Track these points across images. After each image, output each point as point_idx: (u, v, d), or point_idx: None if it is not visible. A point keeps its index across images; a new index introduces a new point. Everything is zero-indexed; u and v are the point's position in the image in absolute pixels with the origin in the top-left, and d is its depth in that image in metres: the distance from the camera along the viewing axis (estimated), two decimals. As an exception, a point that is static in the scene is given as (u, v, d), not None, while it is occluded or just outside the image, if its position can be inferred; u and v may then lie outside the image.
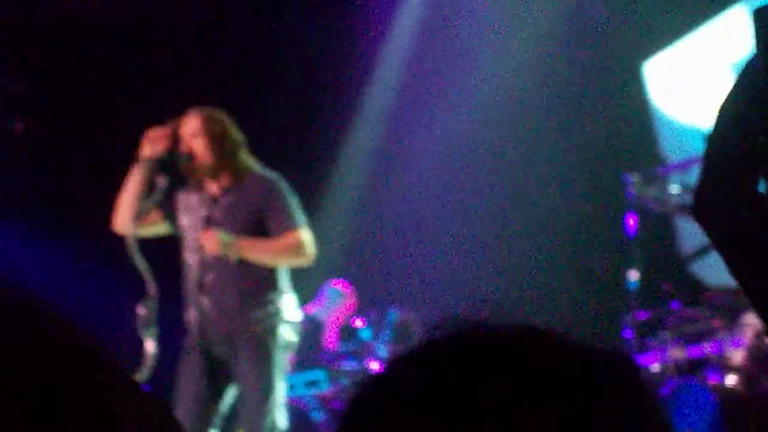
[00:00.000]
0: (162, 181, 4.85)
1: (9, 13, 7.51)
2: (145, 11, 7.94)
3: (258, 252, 4.78)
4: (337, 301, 7.58)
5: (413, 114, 8.57)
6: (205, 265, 4.81)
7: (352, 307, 7.61)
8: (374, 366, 7.17)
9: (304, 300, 6.82)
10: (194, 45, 8.04)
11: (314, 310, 7.49)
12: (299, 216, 4.89)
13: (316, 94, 8.37)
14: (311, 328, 7.25)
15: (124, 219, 4.86)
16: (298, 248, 4.83)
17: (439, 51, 8.60)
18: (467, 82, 8.43)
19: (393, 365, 0.95)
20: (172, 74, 7.75)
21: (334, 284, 7.61)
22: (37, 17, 7.72)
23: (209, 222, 4.85)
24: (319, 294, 7.55)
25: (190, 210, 4.95)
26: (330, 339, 7.61)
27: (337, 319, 7.62)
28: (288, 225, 4.83)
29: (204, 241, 4.74)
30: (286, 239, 4.81)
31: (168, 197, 4.95)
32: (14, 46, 7.61)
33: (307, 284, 7.39)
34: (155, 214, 4.98)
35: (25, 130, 7.88)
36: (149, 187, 4.86)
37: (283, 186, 4.90)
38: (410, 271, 8.33)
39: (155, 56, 7.93)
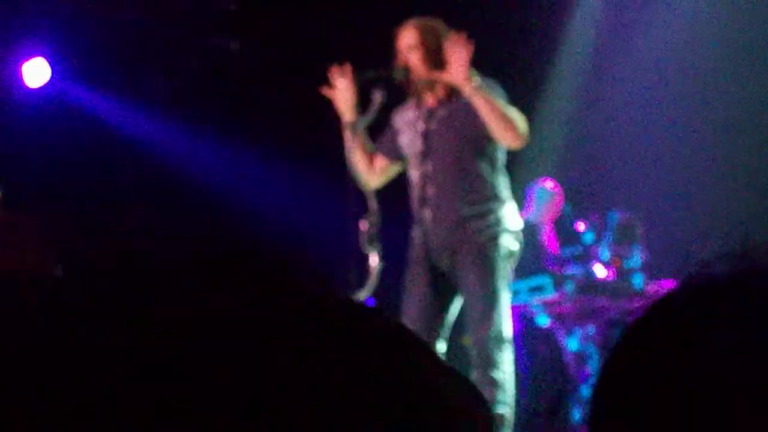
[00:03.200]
0: (378, 96, 4.84)
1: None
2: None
3: (491, 96, 4.66)
4: (546, 199, 7.49)
5: (635, 13, 8.30)
6: (427, 178, 4.81)
7: (560, 203, 7.51)
8: (598, 269, 7.06)
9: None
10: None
11: (526, 214, 7.43)
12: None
13: (525, 7, 8.20)
14: (527, 233, 7.17)
15: (365, 178, 4.92)
16: (519, 119, 4.71)
17: None
18: None
19: (675, 296, 0.87)
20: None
21: (541, 183, 7.52)
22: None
23: (427, 136, 4.83)
24: (527, 197, 7.48)
25: (408, 126, 4.94)
26: (549, 239, 7.54)
27: (551, 217, 7.53)
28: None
29: (456, 64, 4.65)
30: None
31: (386, 136, 4.99)
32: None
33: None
34: (384, 163, 5.01)
35: (241, 48, 7.99)
36: (365, 103, 4.87)
37: (499, 90, 4.81)
38: (630, 172, 8.16)
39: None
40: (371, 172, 4.96)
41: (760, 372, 0.79)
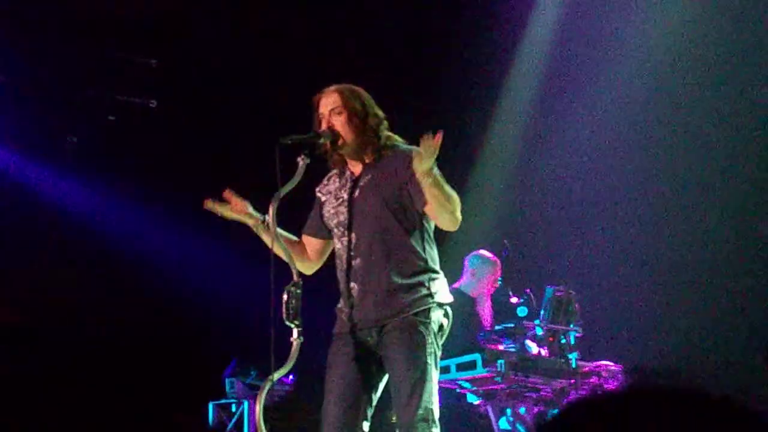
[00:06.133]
0: (301, 162, 4.64)
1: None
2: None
3: (444, 185, 4.40)
4: (487, 269, 7.34)
5: (567, 86, 8.28)
6: (352, 249, 4.61)
7: (499, 273, 7.36)
8: (531, 346, 6.89)
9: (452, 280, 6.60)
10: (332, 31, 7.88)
11: (461, 283, 7.27)
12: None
13: (461, 74, 8.14)
14: (459, 305, 7.00)
15: (301, 266, 4.69)
16: (456, 200, 4.48)
17: (589, 24, 8.30)
18: (623, 53, 8.10)
19: (580, 408, 1.04)
20: (309, 51, 7.60)
21: (479, 252, 7.38)
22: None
23: (350, 205, 4.64)
24: (464, 266, 7.34)
25: (331, 196, 4.76)
26: (487, 313, 7.38)
27: (490, 289, 7.38)
28: None
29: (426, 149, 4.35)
30: None
31: (314, 213, 4.82)
32: (148, 26, 7.56)
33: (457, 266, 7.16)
34: (317, 243, 4.83)
35: (160, 106, 7.81)
36: (287, 169, 4.66)
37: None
38: (566, 248, 8.09)
39: (293, 35, 7.78)
40: (305, 258, 4.76)
41: None
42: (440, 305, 4.63)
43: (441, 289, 4.66)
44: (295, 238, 4.83)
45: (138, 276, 7.94)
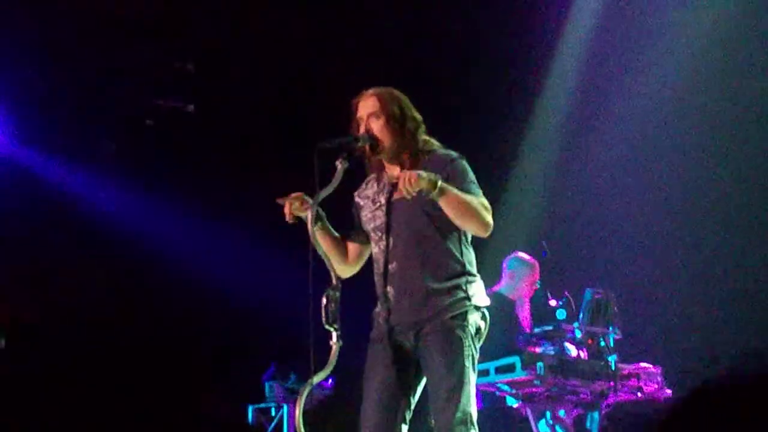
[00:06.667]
0: (340, 166, 4.65)
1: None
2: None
3: (456, 194, 4.40)
4: (525, 271, 7.33)
5: (605, 88, 8.25)
6: (389, 253, 4.61)
7: (537, 275, 7.35)
8: (570, 349, 6.87)
9: (490, 283, 6.60)
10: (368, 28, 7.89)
11: (500, 286, 7.27)
12: (480, 190, 4.58)
13: (498, 75, 8.12)
14: (498, 307, 7.00)
15: (341, 269, 4.70)
16: (486, 208, 4.48)
17: (628, 23, 8.27)
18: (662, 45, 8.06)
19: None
20: (345, 54, 7.60)
21: (517, 254, 7.37)
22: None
23: (388, 208, 4.65)
24: (502, 269, 7.34)
25: (369, 200, 4.77)
26: (526, 316, 7.38)
27: (529, 291, 7.37)
28: (471, 192, 4.51)
29: (403, 185, 4.40)
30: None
31: (354, 219, 4.82)
32: (184, 29, 7.59)
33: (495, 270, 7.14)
34: (357, 248, 4.82)
35: (197, 110, 7.84)
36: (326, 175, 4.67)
37: (464, 162, 4.62)
38: (605, 251, 8.06)
39: (331, 36, 7.80)
40: (345, 260, 4.77)
41: None
42: (477, 308, 4.63)
43: (478, 292, 4.66)
44: (339, 236, 4.84)
45: (177, 279, 7.98)
